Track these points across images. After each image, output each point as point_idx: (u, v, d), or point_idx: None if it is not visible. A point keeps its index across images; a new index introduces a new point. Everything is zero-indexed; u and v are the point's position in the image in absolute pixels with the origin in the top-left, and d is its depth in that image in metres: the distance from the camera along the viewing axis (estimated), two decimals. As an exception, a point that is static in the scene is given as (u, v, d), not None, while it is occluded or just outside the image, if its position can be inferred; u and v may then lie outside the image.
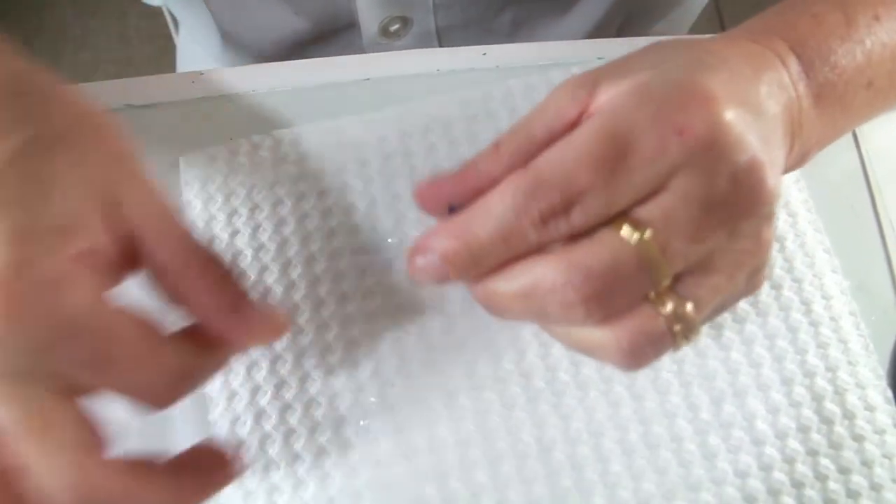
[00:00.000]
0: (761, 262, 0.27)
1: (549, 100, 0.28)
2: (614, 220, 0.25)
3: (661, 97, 0.26)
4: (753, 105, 0.27)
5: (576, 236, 0.26)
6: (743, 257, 0.26)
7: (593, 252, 0.25)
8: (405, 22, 0.53)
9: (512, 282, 0.26)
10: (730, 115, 0.25)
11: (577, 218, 0.25)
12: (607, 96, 0.27)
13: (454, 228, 0.26)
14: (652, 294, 0.26)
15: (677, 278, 0.26)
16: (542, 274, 0.25)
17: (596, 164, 0.25)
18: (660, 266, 0.25)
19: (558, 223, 0.25)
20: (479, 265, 0.26)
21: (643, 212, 0.25)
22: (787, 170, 0.32)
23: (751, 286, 0.28)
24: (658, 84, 0.26)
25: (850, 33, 0.32)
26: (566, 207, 0.25)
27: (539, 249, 0.26)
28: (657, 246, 0.25)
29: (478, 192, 0.27)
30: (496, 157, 0.28)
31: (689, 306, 0.26)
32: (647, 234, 0.25)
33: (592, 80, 0.28)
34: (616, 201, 0.25)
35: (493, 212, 0.25)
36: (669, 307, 0.25)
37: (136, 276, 0.27)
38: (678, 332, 0.26)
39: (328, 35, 0.55)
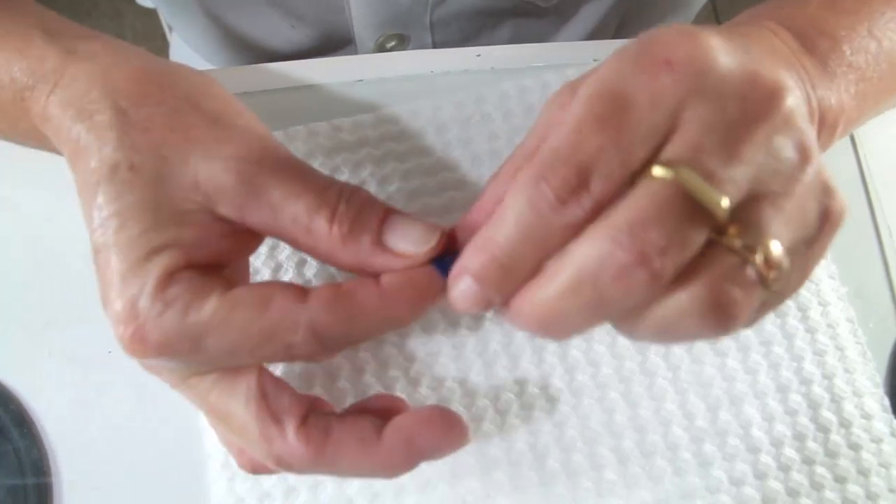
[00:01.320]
0: (822, 183, 0.25)
1: (538, 118, 0.27)
2: (640, 173, 0.23)
3: (637, 46, 0.24)
4: (737, 41, 0.25)
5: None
6: (797, 173, 0.24)
7: (630, 204, 0.22)
8: (402, 39, 0.52)
9: (554, 280, 0.23)
10: (713, 38, 0.24)
11: (598, 185, 0.23)
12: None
13: (476, 243, 0.24)
14: (716, 235, 0.23)
15: (738, 213, 0.23)
16: (583, 253, 0.23)
17: (597, 124, 0.23)
18: (707, 191, 0.22)
19: (580, 198, 0.23)
20: (512, 275, 0.24)
21: (667, 153, 0.23)
22: (821, 143, 0.31)
23: (826, 218, 0.25)
24: (631, 43, 0.25)
25: (837, 5, 0.32)
26: (582, 178, 0.23)
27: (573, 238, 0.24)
28: (696, 172, 0.22)
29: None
30: (497, 182, 0.27)
31: (762, 233, 0.23)
32: (682, 164, 0.23)
33: (573, 83, 0.27)
34: (632, 155, 0.23)
35: (509, 213, 0.23)
36: (738, 242, 0.23)
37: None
38: (760, 266, 0.23)
39: (325, 50, 0.55)
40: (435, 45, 0.53)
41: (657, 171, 0.23)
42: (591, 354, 0.37)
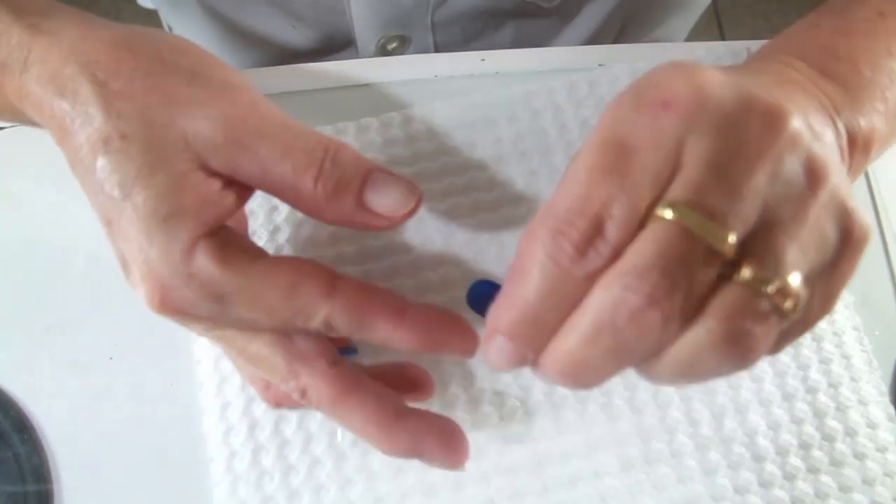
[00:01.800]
0: (839, 203, 0.24)
1: None
2: (650, 215, 0.24)
3: (635, 89, 0.25)
4: (742, 73, 0.25)
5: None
6: (808, 198, 0.24)
7: (637, 249, 0.23)
8: (403, 41, 0.52)
9: (575, 330, 0.24)
10: (711, 73, 0.24)
11: (612, 232, 0.23)
12: None
13: (504, 301, 0.25)
14: (725, 270, 0.23)
15: (751, 244, 0.23)
16: (598, 299, 0.23)
17: (603, 173, 0.23)
18: (710, 230, 0.23)
19: (597, 247, 0.23)
20: (542, 330, 0.24)
21: (670, 193, 0.23)
22: (855, 166, 0.30)
23: (847, 240, 0.25)
24: (629, 87, 0.25)
25: (850, 28, 0.32)
26: (597, 227, 0.23)
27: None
28: (698, 211, 0.23)
29: None
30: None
31: (769, 263, 0.23)
32: (683, 204, 0.23)
33: None
34: (641, 199, 0.23)
35: (531, 267, 0.24)
36: (747, 273, 0.23)
37: None
38: (772, 295, 0.23)
39: (326, 51, 0.54)
40: (436, 47, 0.53)
41: (660, 212, 0.23)
42: (595, 361, 0.37)
